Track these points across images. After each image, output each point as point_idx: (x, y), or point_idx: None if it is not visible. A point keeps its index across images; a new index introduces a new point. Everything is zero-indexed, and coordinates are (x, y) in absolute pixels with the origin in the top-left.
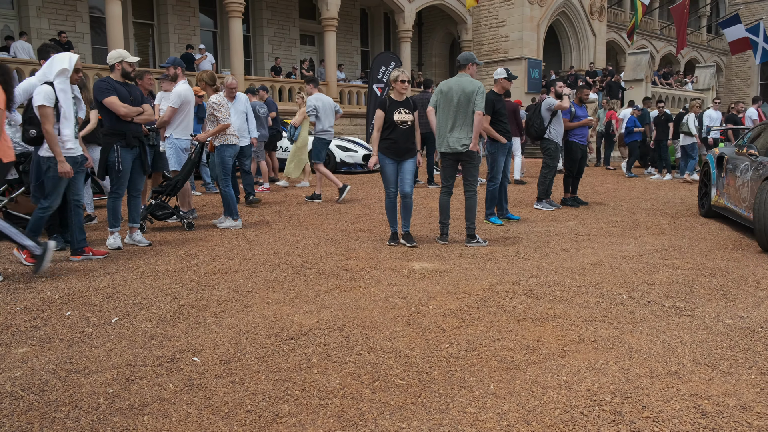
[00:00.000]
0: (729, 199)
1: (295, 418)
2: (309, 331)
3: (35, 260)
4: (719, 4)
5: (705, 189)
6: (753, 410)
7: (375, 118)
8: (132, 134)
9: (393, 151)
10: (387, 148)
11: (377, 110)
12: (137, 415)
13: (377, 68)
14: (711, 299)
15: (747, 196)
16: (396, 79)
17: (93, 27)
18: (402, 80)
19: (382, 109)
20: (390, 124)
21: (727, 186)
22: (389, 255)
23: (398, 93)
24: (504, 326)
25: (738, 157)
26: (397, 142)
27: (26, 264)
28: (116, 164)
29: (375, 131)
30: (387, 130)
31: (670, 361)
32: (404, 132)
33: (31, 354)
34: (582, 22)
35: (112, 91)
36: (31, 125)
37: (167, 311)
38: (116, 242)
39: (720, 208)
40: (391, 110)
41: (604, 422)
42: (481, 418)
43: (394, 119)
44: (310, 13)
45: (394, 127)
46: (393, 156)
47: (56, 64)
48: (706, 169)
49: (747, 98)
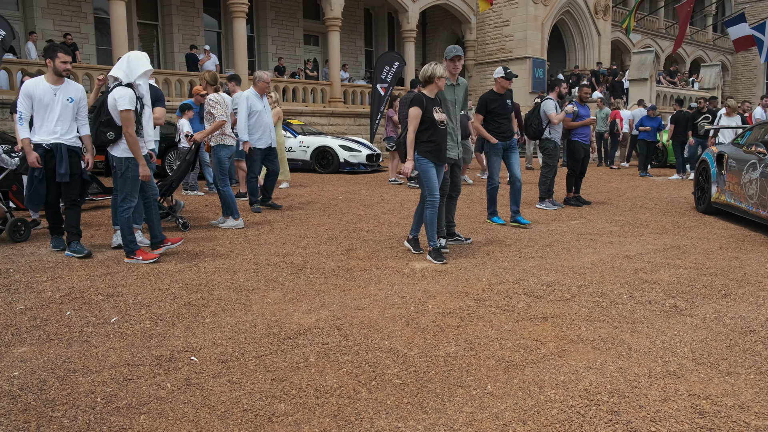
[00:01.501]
0: (732, 196)
1: (290, 418)
2: (307, 331)
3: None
4: (725, 2)
5: (702, 186)
6: (751, 410)
7: (410, 117)
8: None
9: (436, 154)
10: (430, 151)
11: (412, 108)
12: (134, 414)
13: (381, 68)
14: (712, 299)
15: (755, 192)
16: (434, 76)
17: (98, 28)
18: (440, 76)
19: (419, 107)
20: (429, 124)
21: (730, 183)
22: (390, 255)
23: (436, 89)
24: (503, 326)
25: (742, 154)
26: (440, 144)
27: (144, 262)
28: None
29: (410, 131)
30: (426, 131)
31: (669, 361)
32: (444, 132)
33: (30, 353)
34: (586, 22)
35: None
36: (108, 127)
37: (167, 311)
38: (119, 241)
39: (721, 204)
40: (430, 108)
41: (601, 422)
42: (478, 417)
43: (434, 118)
44: (313, 13)
45: (435, 127)
46: (436, 160)
47: (139, 66)
48: (703, 166)
49: (753, 97)
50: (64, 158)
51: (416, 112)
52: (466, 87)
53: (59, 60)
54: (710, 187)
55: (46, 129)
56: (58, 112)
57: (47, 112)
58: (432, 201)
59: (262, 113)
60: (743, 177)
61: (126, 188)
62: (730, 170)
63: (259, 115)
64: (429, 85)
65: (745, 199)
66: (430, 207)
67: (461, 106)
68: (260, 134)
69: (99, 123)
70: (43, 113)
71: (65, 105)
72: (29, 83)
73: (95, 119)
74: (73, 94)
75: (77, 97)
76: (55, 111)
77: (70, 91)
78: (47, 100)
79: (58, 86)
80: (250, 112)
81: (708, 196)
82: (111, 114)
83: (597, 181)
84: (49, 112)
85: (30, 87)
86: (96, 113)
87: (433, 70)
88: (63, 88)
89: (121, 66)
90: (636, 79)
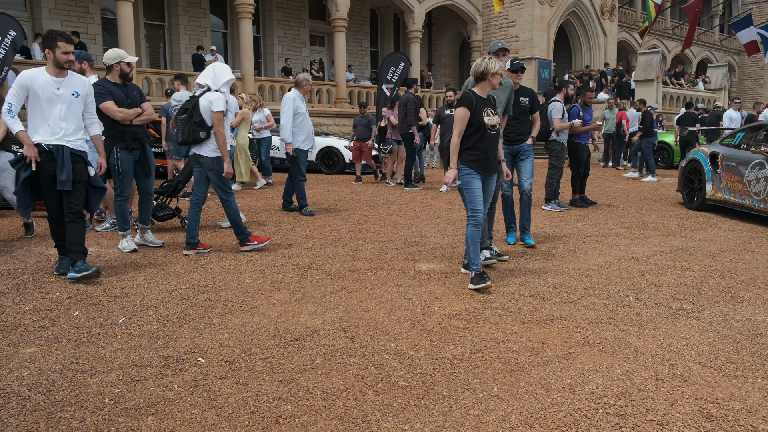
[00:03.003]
0: (732, 193)
1: (298, 420)
2: (314, 332)
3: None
4: (732, 3)
5: (692, 185)
6: (759, 414)
7: (456, 119)
8: (132, 136)
9: (483, 164)
10: (475, 160)
11: (459, 108)
12: (142, 415)
13: (387, 69)
14: (719, 301)
15: (762, 190)
16: (488, 72)
17: (105, 28)
18: (495, 72)
19: (467, 107)
20: (477, 128)
21: (728, 181)
22: (396, 256)
23: (489, 87)
24: (509, 328)
25: (742, 154)
26: (487, 152)
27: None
28: (116, 166)
29: (455, 136)
30: (473, 136)
31: (675, 364)
32: (493, 139)
33: (38, 354)
34: (593, 22)
35: (108, 96)
36: (200, 127)
37: (174, 312)
38: (129, 245)
39: (717, 201)
40: (480, 110)
41: (608, 425)
42: (484, 420)
43: (484, 122)
44: (320, 14)
45: (483, 133)
46: (482, 170)
47: (223, 76)
48: (693, 165)
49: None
50: (66, 163)
51: (463, 114)
52: (510, 88)
53: (60, 50)
54: (704, 185)
55: (46, 128)
56: (61, 108)
57: (48, 107)
58: (474, 217)
59: (306, 115)
60: (747, 175)
61: (223, 184)
62: (728, 169)
63: (303, 117)
64: (481, 82)
65: (749, 196)
66: (472, 223)
67: (503, 108)
68: (305, 136)
69: (192, 123)
70: (43, 109)
71: (70, 100)
72: (27, 74)
73: (188, 120)
74: (80, 88)
75: (84, 92)
76: (58, 107)
77: (75, 85)
78: (48, 94)
79: (60, 79)
80: (295, 114)
81: (702, 193)
82: (203, 115)
83: (603, 183)
84: (51, 109)
85: (27, 78)
86: (189, 114)
87: (487, 65)
88: (67, 82)
89: (207, 75)
90: (642, 80)
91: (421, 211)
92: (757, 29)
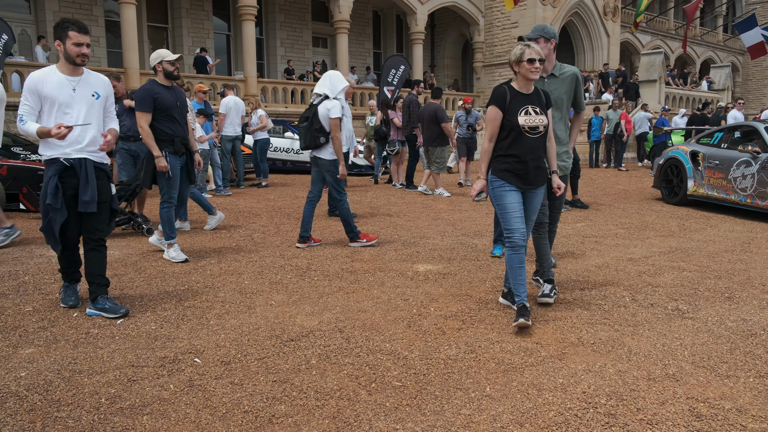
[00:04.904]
0: (716, 189)
1: (291, 419)
2: (310, 333)
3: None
4: (735, 3)
5: (671, 181)
6: (749, 413)
7: (487, 120)
8: (180, 141)
9: (516, 174)
10: (507, 170)
11: (490, 107)
12: (137, 415)
13: (387, 71)
14: (715, 302)
15: (749, 186)
16: (521, 59)
17: (109, 30)
18: (531, 59)
19: (498, 107)
20: (510, 131)
21: (711, 178)
22: (394, 257)
23: (525, 80)
24: (504, 328)
25: (726, 153)
26: (524, 159)
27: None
28: (167, 171)
29: (486, 140)
30: (506, 140)
31: (668, 364)
32: (535, 144)
33: (37, 354)
34: (595, 23)
35: (147, 105)
36: (320, 133)
37: (172, 313)
38: (178, 255)
39: (699, 196)
40: (515, 108)
41: (598, 424)
42: (475, 419)
43: (517, 122)
44: (322, 16)
45: (519, 136)
46: (516, 182)
47: (339, 83)
48: (672, 163)
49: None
50: (90, 181)
51: (493, 114)
52: (571, 79)
53: (70, 41)
54: (685, 182)
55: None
56: (80, 112)
57: (64, 112)
58: (510, 238)
59: (346, 118)
60: (732, 172)
61: (338, 185)
62: (711, 167)
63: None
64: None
65: (735, 192)
66: (509, 247)
67: (567, 104)
68: (344, 139)
69: (313, 129)
70: (58, 114)
71: (90, 103)
72: (35, 75)
73: (309, 127)
74: (100, 88)
75: (104, 93)
76: (77, 111)
77: (94, 84)
78: (64, 96)
79: (76, 78)
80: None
81: (683, 189)
82: (322, 122)
83: (604, 183)
84: (67, 114)
85: (37, 81)
86: (309, 122)
87: (519, 52)
88: (84, 80)
89: (324, 84)
90: (645, 81)
91: (422, 213)
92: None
